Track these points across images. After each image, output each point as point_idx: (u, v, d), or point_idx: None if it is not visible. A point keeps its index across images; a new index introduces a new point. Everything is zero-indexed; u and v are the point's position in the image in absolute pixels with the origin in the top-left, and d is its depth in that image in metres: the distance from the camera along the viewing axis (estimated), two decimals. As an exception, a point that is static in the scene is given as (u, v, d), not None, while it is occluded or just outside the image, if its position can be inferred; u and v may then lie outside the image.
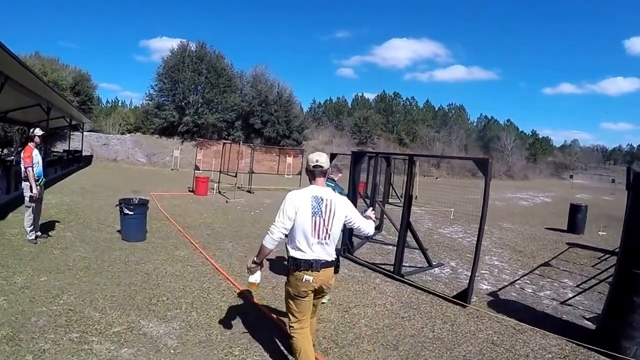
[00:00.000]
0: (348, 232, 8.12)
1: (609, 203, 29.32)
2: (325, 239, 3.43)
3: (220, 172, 19.12)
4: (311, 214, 3.40)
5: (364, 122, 57.87)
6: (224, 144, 19.86)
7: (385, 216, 10.97)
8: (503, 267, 8.91)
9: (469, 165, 55.63)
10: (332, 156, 12.66)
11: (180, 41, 42.38)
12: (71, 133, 34.45)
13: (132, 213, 7.95)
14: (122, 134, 41.44)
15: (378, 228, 11.15)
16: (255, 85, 44.11)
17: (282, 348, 4.33)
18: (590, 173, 77.12)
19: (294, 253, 3.45)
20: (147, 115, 41.97)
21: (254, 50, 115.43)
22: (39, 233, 7.84)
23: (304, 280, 3.38)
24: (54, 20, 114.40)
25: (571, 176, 62.17)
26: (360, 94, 77.59)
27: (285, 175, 23.85)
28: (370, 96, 77.99)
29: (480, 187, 6.50)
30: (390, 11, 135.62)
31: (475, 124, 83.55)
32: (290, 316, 3.58)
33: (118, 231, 8.56)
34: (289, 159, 26.65)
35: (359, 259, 8.24)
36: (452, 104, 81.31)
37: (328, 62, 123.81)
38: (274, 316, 5.12)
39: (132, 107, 58.19)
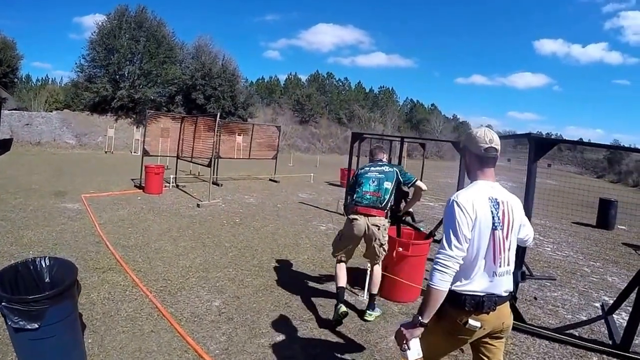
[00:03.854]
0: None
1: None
2: (507, 263, 2.13)
3: (177, 157, 13.59)
4: (492, 228, 2.08)
5: (306, 100, 53.07)
6: (183, 118, 14.21)
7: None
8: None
9: (407, 146, 56.45)
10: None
11: (119, 5, 34.15)
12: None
13: (36, 326, 2.70)
14: (50, 112, 33.16)
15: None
16: (198, 57, 37.37)
17: None
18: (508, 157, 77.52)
19: (458, 283, 2.08)
20: (77, 90, 34.08)
21: (185, 25, 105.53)
22: None
23: (468, 325, 2.06)
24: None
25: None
26: (293, 74, 73.17)
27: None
28: (303, 77, 74.11)
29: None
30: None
31: (401, 106, 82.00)
32: None
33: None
34: (239, 138, 21.28)
35: (536, 328, 4.45)
36: (382, 87, 79.91)
37: (256, 43, 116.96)
38: None
39: (63, 85, 48.49)
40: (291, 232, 8.39)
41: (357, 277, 5.39)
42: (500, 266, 2.10)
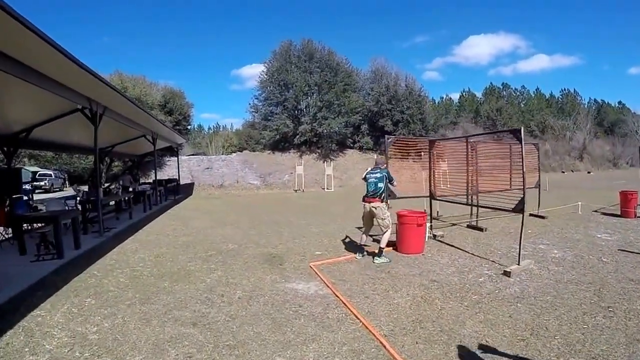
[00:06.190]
0: None
1: None
2: None
3: (431, 197, 9.24)
4: None
5: (497, 114, 47.63)
6: (432, 142, 10.03)
7: None
8: None
9: (608, 154, 53.54)
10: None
11: (283, 41, 33.29)
12: (167, 159, 27.65)
13: None
14: (229, 154, 33.29)
15: None
16: (378, 80, 34.39)
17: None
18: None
19: None
20: (252, 131, 33.89)
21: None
22: None
23: None
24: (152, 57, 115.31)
25: None
26: (467, 89, 70.88)
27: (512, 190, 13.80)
28: (477, 93, 70.47)
29: None
30: (465, 9, 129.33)
31: (587, 109, 71.00)
32: None
33: None
34: (444, 165, 16.29)
35: None
36: (564, 90, 72.54)
37: (411, 67, 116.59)
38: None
39: (234, 130, 51.93)
40: None
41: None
42: None
